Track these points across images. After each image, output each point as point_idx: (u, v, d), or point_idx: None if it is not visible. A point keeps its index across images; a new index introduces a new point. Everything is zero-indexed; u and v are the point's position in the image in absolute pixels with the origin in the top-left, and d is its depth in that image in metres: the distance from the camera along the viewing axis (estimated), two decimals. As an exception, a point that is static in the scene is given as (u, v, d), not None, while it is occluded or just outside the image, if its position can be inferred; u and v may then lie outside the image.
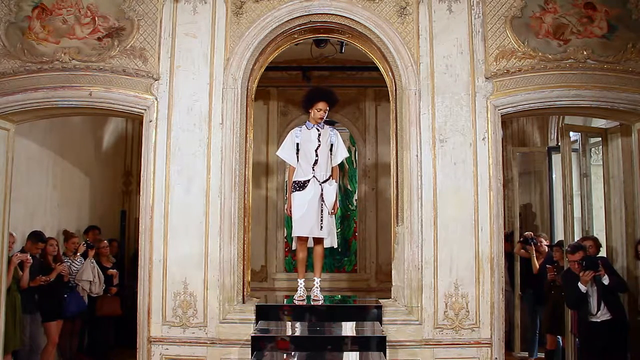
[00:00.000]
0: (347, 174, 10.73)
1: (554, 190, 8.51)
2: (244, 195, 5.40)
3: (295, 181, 5.39)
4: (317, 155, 5.35)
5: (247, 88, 5.52)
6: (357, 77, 8.68)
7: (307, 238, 5.40)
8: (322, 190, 5.32)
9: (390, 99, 5.62)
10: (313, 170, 5.34)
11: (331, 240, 5.46)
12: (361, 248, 8.81)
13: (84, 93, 5.45)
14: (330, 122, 8.52)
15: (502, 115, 5.42)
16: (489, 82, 5.38)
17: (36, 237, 6.60)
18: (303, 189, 5.31)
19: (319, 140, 5.38)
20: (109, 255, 8.06)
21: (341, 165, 11.05)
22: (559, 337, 7.10)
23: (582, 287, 5.53)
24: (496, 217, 5.25)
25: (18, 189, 6.38)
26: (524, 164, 9.24)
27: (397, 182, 5.43)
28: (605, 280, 5.46)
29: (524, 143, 9.25)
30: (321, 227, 5.27)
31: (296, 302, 5.33)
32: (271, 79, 7.90)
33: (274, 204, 8.69)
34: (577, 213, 6.81)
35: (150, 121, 5.40)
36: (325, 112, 5.41)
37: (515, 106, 5.42)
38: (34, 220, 7.10)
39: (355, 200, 9.28)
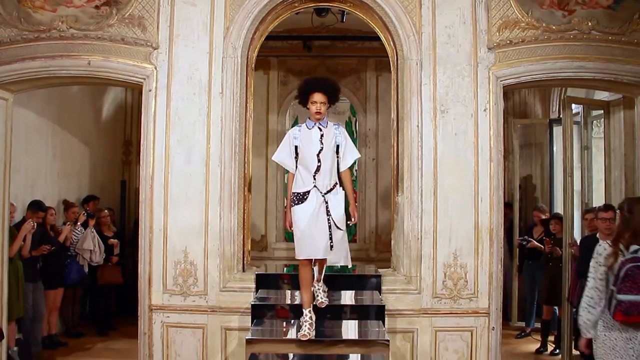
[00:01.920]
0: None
1: (555, 163, 8.51)
2: (244, 165, 5.39)
3: (295, 193, 4.56)
4: (319, 161, 4.50)
5: (247, 57, 5.46)
6: (358, 47, 8.60)
7: (312, 259, 4.58)
8: (326, 202, 4.48)
9: (392, 69, 5.56)
10: (314, 179, 4.50)
11: (345, 259, 4.58)
12: (361, 218, 8.84)
13: (83, 62, 5.40)
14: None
15: (504, 87, 5.38)
16: (492, 53, 5.33)
17: (36, 206, 6.64)
18: (303, 202, 4.50)
19: (322, 143, 4.53)
20: (110, 225, 8.10)
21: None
22: (555, 307, 7.18)
23: None
24: (496, 188, 5.26)
25: (18, 159, 6.38)
26: (525, 136, 9.22)
27: (397, 152, 5.42)
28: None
29: (526, 115, 9.22)
30: (331, 246, 4.43)
31: (300, 337, 4.40)
32: (271, 48, 7.83)
33: (274, 174, 8.70)
34: (577, 186, 6.81)
35: (150, 90, 5.37)
36: (323, 106, 4.53)
37: (517, 77, 5.37)
38: (34, 190, 7.12)
39: (356, 170, 9.27)
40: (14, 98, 5.87)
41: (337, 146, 4.59)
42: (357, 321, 4.88)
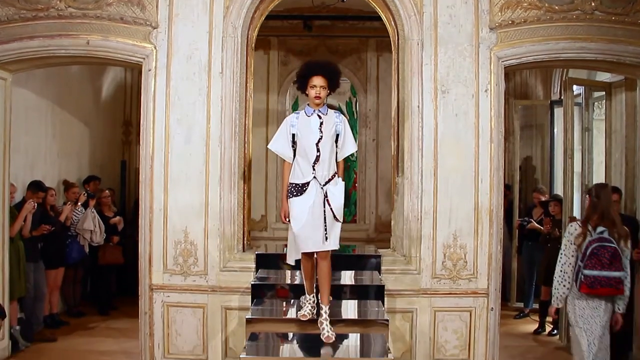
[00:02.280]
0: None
1: (555, 144, 8.50)
2: (244, 145, 5.38)
3: (292, 184, 4.31)
4: (318, 151, 4.25)
5: (247, 37, 5.42)
6: (359, 27, 8.53)
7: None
8: (325, 193, 4.26)
9: (393, 49, 5.53)
10: (313, 169, 4.26)
11: (335, 244, 4.38)
12: (361, 198, 8.85)
13: (82, 41, 5.37)
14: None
15: (505, 67, 5.35)
16: (493, 33, 5.29)
17: (36, 186, 6.64)
18: (301, 194, 4.27)
19: (321, 131, 4.27)
20: (110, 205, 8.12)
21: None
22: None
23: (627, 261, 5.47)
24: (496, 169, 5.25)
25: (17, 139, 6.38)
26: (526, 117, 9.20)
27: (397, 133, 5.41)
28: None
29: (527, 96, 9.19)
30: (326, 237, 4.24)
31: (299, 317, 4.36)
32: (271, 28, 7.76)
33: (274, 154, 8.66)
34: (577, 167, 6.81)
35: (149, 70, 5.34)
36: (323, 91, 4.26)
37: (519, 58, 5.34)
38: (34, 170, 7.12)
39: (356, 151, 9.26)
40: (13, 78, 5.85)
41: (337, 135, 4.34)
42: (356, 301, 4.91)
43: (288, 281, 5.09)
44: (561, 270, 4.68)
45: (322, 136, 4.27)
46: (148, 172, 5.31)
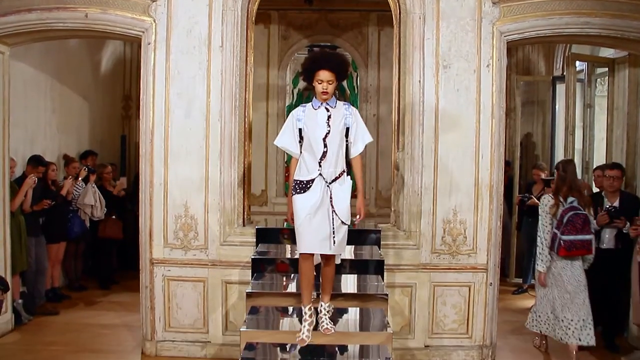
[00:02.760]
0: (349, 99, 10.64)
1: (557, 121, 8.47)
2: (244, 119, 5.36)
3: (297, 181, 4.09)
4: (325, 146, 4.01)
5: (248, 10, 5.36)
6: (360, 1, 8.42)
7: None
8: (330, 192, 4.02)
9: (394, 23, 5.46)
10: (320, 166, 4.02)
11: (339, 256, 4.28)
12: (360, 173, 8.83)
13: (80, 14, 5.32)
14: (332, 47, 8.41)
15: (507, 42, 5.30)
16: (496, 7, 5.23)
17: (36, 161, 6.63)
18: (305, 191, 4.04)
19: (329, 125, 4.03)
20: (111, 180, 8.13)
21: (342, 89, 10.99)
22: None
23: (595, 226, 5.54)
24: (497, 145, 5.24)
25: (17, 114, 6.35)
26: (528, 93, 9.15)
27: (398, 107, 5.38)
28: (626, 230, 5.45)
29: (529, 72, 9.12)
30: (333, 241, 4.00)
31: (297, 342, 4.02)
32: (272, 1, 7.66)
33: (274, 129, 8.61)
34: (578, 144, 6.80)
35: (149, 44, 5.29)
36: (330, 85, 4.02)
37: (521, 33, 5.29)
38: (34, 144, 7.11)
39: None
40: (11, 51, 5.80)
41: (347, 129, 4.09)
42: (356, 275, 4.93)
43: (288, 255, 5.11)
44: (544, 239, 5.27)
45: (329, 130, 4.02)
46: (148, 147, 5.30)
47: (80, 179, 7.39)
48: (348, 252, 5.16)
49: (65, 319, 6.46)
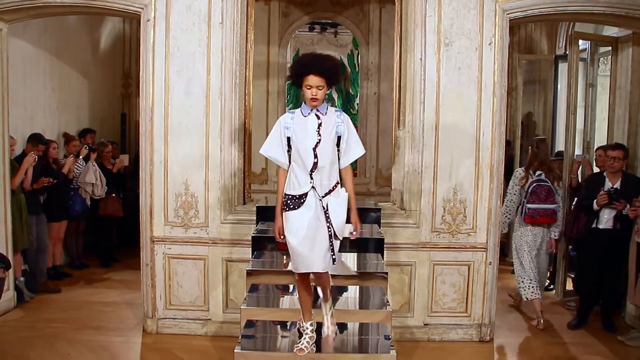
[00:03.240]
0: (349, 77, 10.59)
1: (558, 100, 8.43)
2: (245, 97, 5.33)
3: (288, 195, 3.78)
4: (315, 157, 3.72)
5: (248, -14, 5.30)
6: (361, -23, 8.36)
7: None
8: (325, 206, 3.74)
9: (396, 0, 5.41)
10: (311, 178, 3.73)
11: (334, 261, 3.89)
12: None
13: (78, -10, 5.26)
14: (333, 25, 8.35)
15: (510, 20, 5.25)
16: (499, -16, 5.17)
17: (36, 139, 6.61)
18: (299, 207, 3.74)
19: (320, 134, 3.74)
20: (110, 159, 8.12)
21: (343, 68, 10.92)
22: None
23: (594, 206, 5.58)
24: (498, 124, 5.22)
25: (16, 92, 6.32)
26: (530, 72, 9.09)
27: (399, 85, 5.35)
28: (625, 211, 5.44)
29: (531, 50, 9.05)
30: (333, 259, 3.77)
31: (295, 352, 3.78)
32: (273, -23, 7.62)
33: (275, 107, 8.61)
34: (579, 124, 6.77)
35: (148, 20, 5.23)
36: (320, 91, 3.71)
37: (524, 10, 5.23)
38: (33, 122, 7.08)
39: (357, 104, 9.17)
40: (9, 28, 5.74)
41: (339, 137, 3.80)
42: (356, 254, 4.94)
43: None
44: (506, 205, 5.94)
45: (320, 139, 3.73)
46: (148, 125, 5.27)
47: (81, 157, 7.39)
48: (348, 231, 5.15)
49: (67, 297, 6.50)
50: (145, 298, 5.43)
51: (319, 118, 3.77)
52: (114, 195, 7.95)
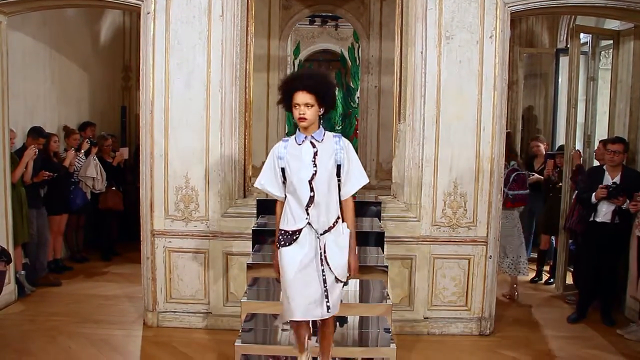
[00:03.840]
0: (350, 71, 10.57)
1: (559, 94, 8.41)
2: (245, 90, 5.31)
3: (282, 231, 3.49)
4: (312, 190, 3.39)
5: (248, -21, 5.28)
6: (362, -30, 8.32)
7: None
8: (323, 246, 3.42)
9: (396, -7, 5.39)
10: (307, 213, 3.41)
11: (334, 307, 3.56)
12: (362, 145, 8.80)
13: (77, -18, 5.25)
14: (334, 18, 8.32)
15: (511, 13, 5.22)
16: (500, -23, 5.15)
17: (37, 132, 6.60)
18: (291, 244, 3.43)
19: (316, 164, 3.40)
20: (110, 152, 8.12)
21: (343, 61, 10.89)
22: (552, 238, 7.27)
23: (593, 199, 5.57)
24: (499, 117, 5.20)
25: (16, 85, 6.31)
26: (531, 66, 9.08)
27: (400, 79, 5.33)
28: (625, 205, 5.43)
29: (532, 44, 9.02)
30: (327, 306, 3.42)
31: None
32: (273, -30, 7.57)
33: (275, 100, 8.53)
34: (580, 118, 6.75)
35: (148, 13, 5.21)
36: (310, 110, 3.35)
37: (526, 3, 5.21)
38: (33, 116, 7.07)
39: (357, 97, 9.13)
40: (8, 21, 5.73)
41: (339, 166, 3.44)
42: (356, 247, 4.92)
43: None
44: None
45: (316, 171, 3.39)
46: (148, 118, 5.26)
47: (82, 151, 7.38)
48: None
49: (68, 290, 6.51)
50: (146, 291, 5.44)
51: (314, 146, 3.42)
52: (114, 188, 7.95)
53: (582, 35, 6.70)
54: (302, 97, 3.34)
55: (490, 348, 5.14)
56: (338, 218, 3.47)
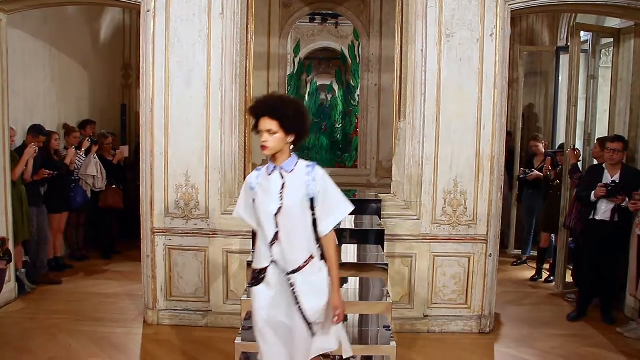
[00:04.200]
0: (350, 69, 10.56)
1: (560, 92, 8.40)
2: (245, 88, 5.31)
3: (253, 269, 3.15)
4: (277, 225, 3.01)
5: (248, -24, 5.27)
6: (362, -33, 8.31)
7: None
8: (293, 286, 3.00)
9: (397, -10, 5.39)
10: (271, 250, 3.03)
11: (343, 343, 3.19)
12: (362, 144, 8.81)
13: (78, -20, 5.24)
14: (334, 16, 8.31)
15: (512, 11, 5.22)
16: (501, -25, 5.14)
17: (37, 130, 6.60)
18: (258, 284, 3.07)
19: (282, 197, 3.01)
20: (110, 150, 8.12)
21: (344, 59, 10.87)
22: (552, 236, 7.27)
23: (592, 197, 5.57)
24: (499, 116, 5.20)
25: (16, 83, 6.31)
26: (531, 64, 9.07)
27: (400, 77, 5.32)
28: (625, 204, 5.43)
29: (533, 42, 9.01)
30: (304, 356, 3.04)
31: None
32: (273, -32, 7.57)
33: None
34: (580, 116, 6.75)
35: (148, 11, 5.21)
36: (273, 137, 2.97)
37: (526, 1, 5.20)
38: (33, 114, 7.07)
39: (358, 96, 9.12)
40: (8, 19, 5.72)
41: (312, 199, 3.03)
42: (356, 245, 4.94)
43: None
44: None
45: (282, 204, 2.99)
46: (148, 116, 5.26)
47: (83, 149, 7.38)
48: (348, 222, 5.18)
49: (68, 288, 6.51)
50: (146, 289, 5.44)
51: (282, 177, 3.04)
52: (114, 186, 7.95)
53: (582, 33, 6.69)
54: (265, 124, 2.99)
55: (490, 346, 5.14)
56: (311, 257, 3.04)
